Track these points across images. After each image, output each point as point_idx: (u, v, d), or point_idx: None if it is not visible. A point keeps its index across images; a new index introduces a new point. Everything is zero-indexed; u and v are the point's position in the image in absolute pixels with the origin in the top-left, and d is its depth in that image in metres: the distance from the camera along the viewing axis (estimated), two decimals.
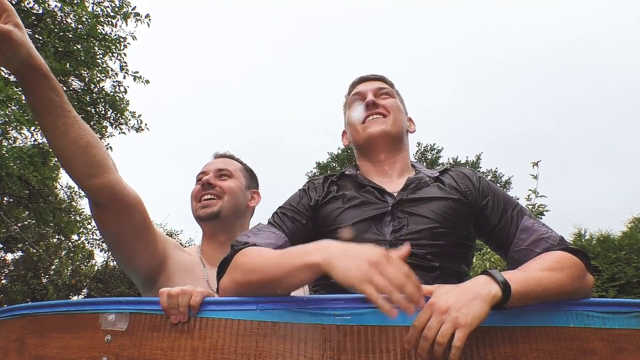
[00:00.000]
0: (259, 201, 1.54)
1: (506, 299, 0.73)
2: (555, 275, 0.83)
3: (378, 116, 1.20)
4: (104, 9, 7.65)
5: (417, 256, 0.92)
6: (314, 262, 0.73)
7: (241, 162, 1.55)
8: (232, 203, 1.41)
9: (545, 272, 0.83)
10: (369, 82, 1.29)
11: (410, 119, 1.31)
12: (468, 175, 1.15)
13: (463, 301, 0.70)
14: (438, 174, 1.16)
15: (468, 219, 1.08)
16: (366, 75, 1.32)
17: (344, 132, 1.34)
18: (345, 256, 0.71)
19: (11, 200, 9.65)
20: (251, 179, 1.54)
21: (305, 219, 1.10)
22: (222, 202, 1.39)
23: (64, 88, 7.95)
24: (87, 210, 10.91)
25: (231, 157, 1.55)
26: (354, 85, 1.32)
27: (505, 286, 0.73)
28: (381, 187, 1.13)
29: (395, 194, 1.11)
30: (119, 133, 8.78)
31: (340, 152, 27.10)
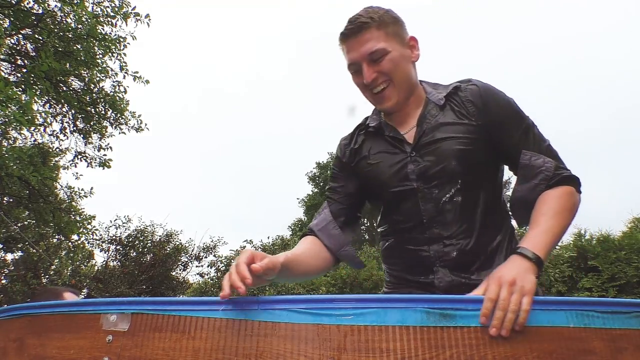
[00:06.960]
0: None
1: (541, 267, 0.93)
2: (561, 220, 1.02)
3: (382, 87, 1.16)
4: (104, 9, 7.63)
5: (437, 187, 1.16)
6: None
7: None
8: None
9: (554, 220, 1.01)
10: (356, 43, 1.15)
11: (411, 44, 1.20)
12: (473, 99, 1.18)
13: (521, 274, 0.84)
14: (444, 100, 1.20)
15: (479, 141, 1.15)
16: (348, 30, 1.16)
17: None
18: None
19: (11, 200, 9.64)
20: None
21: (345, 180, 1.31)
22: None
23: (64, 88, 7.97)
24: (87, 210, 10.90)
25: None
26: (343, 49, 1.20)
27: (537, 260, 0.91)
28: (399, 137, 1.21)
29: (411, 142, 1.19)
30: (119, 133, 8.76)
31: None
